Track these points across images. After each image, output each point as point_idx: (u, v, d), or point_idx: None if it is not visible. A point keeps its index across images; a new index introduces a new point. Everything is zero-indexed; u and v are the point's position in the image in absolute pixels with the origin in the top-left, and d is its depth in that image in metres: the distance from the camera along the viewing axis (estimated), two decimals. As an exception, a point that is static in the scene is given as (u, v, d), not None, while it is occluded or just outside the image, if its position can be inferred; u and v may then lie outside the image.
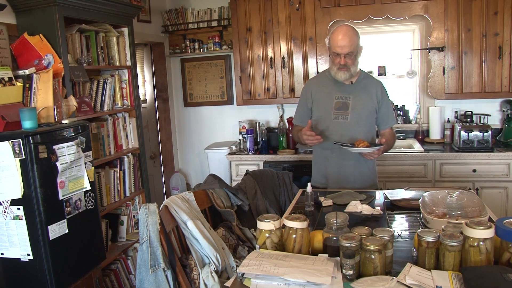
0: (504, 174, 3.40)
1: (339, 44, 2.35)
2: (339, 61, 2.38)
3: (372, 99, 2.49)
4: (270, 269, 1.34)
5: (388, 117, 2.56)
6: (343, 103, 2.48)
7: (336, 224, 1.53)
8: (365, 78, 2.54)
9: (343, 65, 2.38)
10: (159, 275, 1.73)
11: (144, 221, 1.76)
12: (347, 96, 2.48)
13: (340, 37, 2.35)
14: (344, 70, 2.40)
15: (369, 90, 2.50)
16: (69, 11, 2.58)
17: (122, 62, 3.18)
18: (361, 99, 2.48)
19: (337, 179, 2.52)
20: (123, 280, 3.03)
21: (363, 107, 2.47)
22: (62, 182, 2.24)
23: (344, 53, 2.35)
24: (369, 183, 2.55)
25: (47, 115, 2.41)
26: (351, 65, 2.40)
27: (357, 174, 2.51)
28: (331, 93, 2.51)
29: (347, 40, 2.33)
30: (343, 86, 2.49)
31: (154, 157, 4.65)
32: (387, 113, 2.55)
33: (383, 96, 2.53)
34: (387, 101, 2.56)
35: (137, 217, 3.20)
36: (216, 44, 4.33)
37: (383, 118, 2.55)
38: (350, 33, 2.35)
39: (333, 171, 2.52)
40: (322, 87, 2.56)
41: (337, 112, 2.48)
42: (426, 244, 1.38)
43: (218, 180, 2.31)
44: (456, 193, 1.79)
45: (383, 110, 2.53)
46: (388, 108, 2.56)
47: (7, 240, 2.18)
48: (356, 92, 2.49)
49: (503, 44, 3.44)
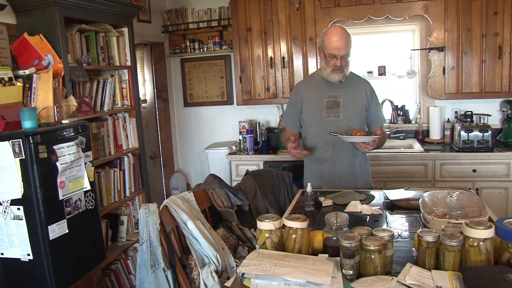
0: (504, 174, 3.40)
1: (336, 46, 2.37)
2: (334, 63, 2.40)
3: (362, 97, 2.53)
4: (270, 269, 1.34)
5: (378, 116, 2.61)
6: (334, 101, 2.50)
7: (336, 224, 1.53)
8: (353, 77, 2.58)
9: (339, 66, 2.40)
10: (159, 275, 1.73)
11: (144, 221, 1.76)
12: (338, 94, 2.51)
13: (336, 39, 2.36)
14: (338, 72, 2.43)
15: (357, 88, 2.54)
16: (69, 11, 2.58)
17: (122, 62, 3.18)
18: (351, 97, 2.51)
19: (331, 180, 2.53)
20: (123, 280, 3.03)
21: (354, 104, 2.50)
22: (62, 182, 2.24)
23: (341, 55, 2.37)
24: (363, 184, 2.57)
25: (47, 115, 2.41)
26: (345, 67, 2.43)
27: (351, 174, 2.53)
28: (321, 93, 2.53)
29: (344, 42, 2.36)
30: (332, 85, 2.52)
31: (154, 157, 4.65)
32: (376, 112, 2.59)
33: (372, 95, 2.57)
34: (376, 100, 2.61)
35: (137, 217, 3.20)
36: (216, 44, 4.33)
37: (373, 117, 2.59)
38: (345, 35, 2.38)
39: (328, 171, 2.53)
40: (311, 88, 2.58)
41: (328, 111, 2.50)
42: (426, 244, 1.38)
43: (218, 180, 2.31)
44: (456, 193, 1.79)
45: (372, 109, 2.57)
46: (377, 107, 2.61)
47: (7, 240, 2.18)
48: (346, 90, 2.51)
49: (503, 44, 3.44)
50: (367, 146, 2.36)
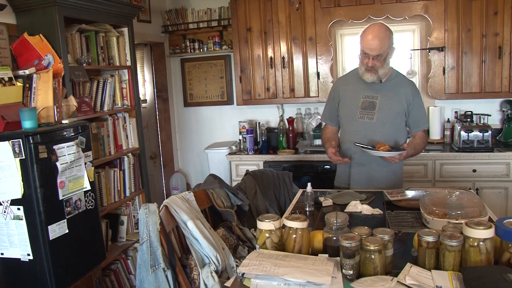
0: (504, 174, 3.40)
1: (368, 45, 2.26)
2: (366, 62, 2.31)
3: (400, 100, 2.40)
4: (270, 269, 1.34)
5: (420, 120, 2.46)
6: (370, 102, 2.40)
7: (336, 224, 1.53)
8: (396, 77, 2.46)
9: (371, 67, 2.31)
10: (159, 275, 1.73)
11: (144, 221, 1.76)
12: (375, 95, 2.41)
13: (370, 37, 2.25)
14: (371, 72, 2.33)
15: (398, 90, 2.41)
16: (69, 11, 2.58)
17: (122, 62, 3.18)
18: (389, 99, 2.39)
19: (360, 180, 2.46)
20: (123, 280, 3.03)
21: (390, 107, 2.39)
22: (62, 182, 2.24)
23: (372, 55, 2.27)
24: (394, 186, 2.45)
25: (47, 115, 2.41)
26: (379, 67, 2.32)
27: (381, 176, 2.44)
28: (359, 92, 2.44)
29: (377, 41, 2.24)
30: (371, 84, 2.40)
31: (154, 157, 4.65)
32: (418, 115, 2.44)
33: (414, 98, 2.41)
34: (419, 102, 2.44)
35: (137, 217, 3.20)
36: (216, 44, 4.33)
37: (414, 121, 2.45)
38: (381, 34, 2.25)
39: (357, 171, 2.47)
40: (349, 85, 2.50)
41: (363, 112, 2.41)
42: (426, 244, 1.38)
43: (218, 180, 2.31)
44: (456, 193, 1.79)
45: (414, 112, 2.42)
46: (419, 110, 2.44)
47: (7, 240, 2.18)
48: (385, 91, 2.40)
49: (503, 44, 3.44)
50: (393, 159, 2.28)
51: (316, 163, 3.68)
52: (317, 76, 3.86)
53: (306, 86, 3.91)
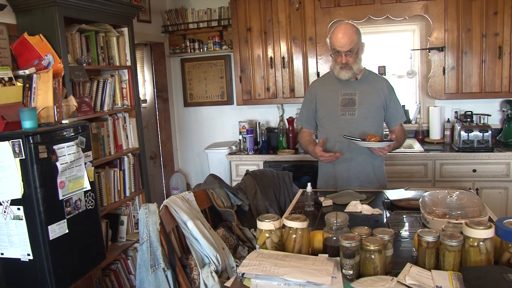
0: (504, 174, 3.40)
1: (338, 42, 2.35)
2: (340, 60, 2.38)
3: (379, 94, 2.46)
4: (270, 269, 1.34)
5: (397, 114, 2.53)
6: (350, 99, 2.46)
7: (336, 224, 1.53)
8: (370, 74, 2.53)
9: (345, 63, 2.37)
10: (159, 275, 1.73)
11: (144, 221, 1.76)
12: (353, 92, 2.46)
13: (340, 35, 2.34)
14: (346, 69, 2.40)
15: (374, 85, 2.48)
16: (69, 11, 2.58)
17: (122, 62, 3.18)
18: (368, 94, 2.45)
19: (346, 180, 2.48)
20: (123, 280, 3.03)
21: (370, 102, 2.45)
22: (62, 182, 2.24)
23: (344, 51, 2.34)
24: (378, 185, 2.50)
25: (47, 115, 2.41)
26: (352, 63, 2.39)
27: (366, 175, 2.48)
28: (336, 90, 2.49)
29: (346, 38, 2.33)
30: (348, 82, 2.47)
31: (154, 157, 4.65)
32: (396, 110, 2.52)
33: (390, 92, 2.50)
34: (395, 97, 2.53)
35: (137, 217, 3.20)
36: (216, 44, 4.33)
37: (392, 115, 2.52)
38: (349, 31, 2.35)
39: (343, 168, 2.48)
40: (326, 85, 2.55)
41: (343, 109, 2.46)
42: (426, 244, 1.38)
43: (218, 180, 2.31)
44: (456, 193, 1.79)
45: (391, 106, 2.50)
46: (396, 105, 2.53)
47: (7, 240, 2.18)
48: (362, 87, 2.47)
49: (503, 44, 3.44)
50: (382, 151, 2.32)
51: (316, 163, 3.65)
52: (317, 76, 3.85)
53: (306, 86, 3.90)
